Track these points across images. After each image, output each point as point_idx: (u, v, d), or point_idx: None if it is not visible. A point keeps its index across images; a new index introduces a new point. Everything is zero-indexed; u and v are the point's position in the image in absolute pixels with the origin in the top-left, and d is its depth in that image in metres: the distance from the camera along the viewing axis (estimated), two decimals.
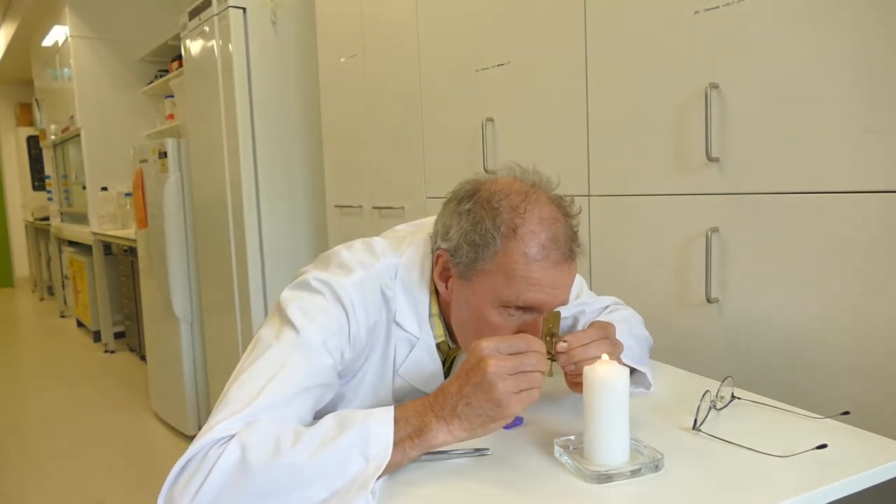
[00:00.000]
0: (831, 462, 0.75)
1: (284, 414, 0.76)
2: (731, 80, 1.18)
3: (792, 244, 1.12)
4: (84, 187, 4.91)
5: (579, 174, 1.50)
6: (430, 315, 0.96)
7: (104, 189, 4.83)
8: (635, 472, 0.74)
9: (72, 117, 4.94)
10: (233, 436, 0.71)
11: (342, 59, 2.38)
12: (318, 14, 2.51)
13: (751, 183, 1.17)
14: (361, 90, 2.30)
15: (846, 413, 0.88)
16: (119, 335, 4.92)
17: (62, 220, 6.02)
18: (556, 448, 0.80)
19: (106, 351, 4.86)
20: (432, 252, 0.95)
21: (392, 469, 0.74)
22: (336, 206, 2.52)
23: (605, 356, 0.79)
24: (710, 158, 1.21)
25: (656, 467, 0.75)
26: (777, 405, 0.94)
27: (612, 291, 1.22)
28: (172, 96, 4.13)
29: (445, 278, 0.92)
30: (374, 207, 2.28)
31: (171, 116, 4.16)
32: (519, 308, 0.87)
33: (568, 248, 0.86)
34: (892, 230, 0.99)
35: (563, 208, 0.89)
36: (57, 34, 5.13)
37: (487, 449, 0.82)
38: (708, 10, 1.20)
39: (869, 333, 1.03)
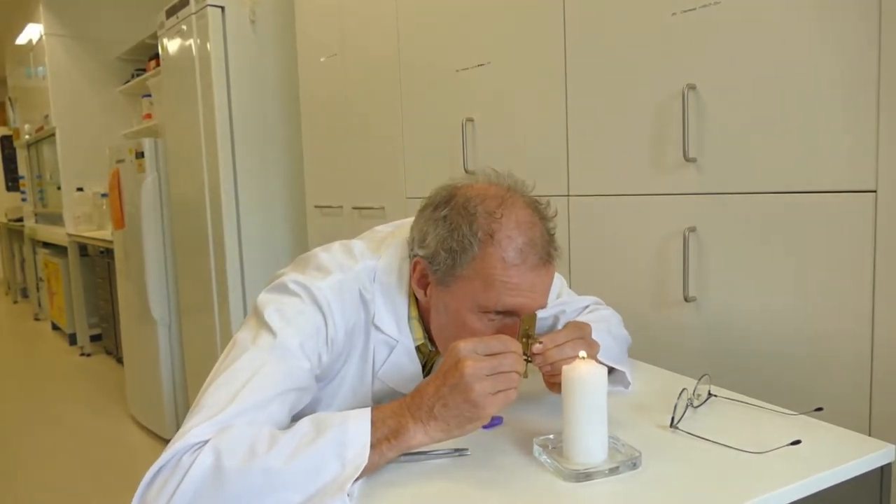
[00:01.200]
0: (805, 458, 0.76)
1: (260, 418, 0.75)
2: (707, 81, 1.20)
3: (768, 243, 1.14)
4: (59, 188, 4.84)
5: (559, 174, 1.51)
6: (409, 318, 0.95)
7: (80, 189, 4.76)
8: (613, 471, 0.74)
9: (46, 117, 4.86)
10: (206, 441, 0.70)
11: (322, 59, 2.37)
12: (298, 13, 2.50)
13: (727, 183, 1.18)
14: (341, 90, 2.29)
15: (819, 409, 0.90)
16: (95, 338, 4.84)
17: (36, 221, 5.92)
18: (535, 447, 0.80)
19: (82, 354, 4.78)
20: (409, 258, 0.94)
21: (370, 471, 0.73)
22: (316, 207, 2.51)
23: (582, 353, 0.80)
24: (687, 159, 1.23)
25: (634, 465, 0.75)
26: (752, 402, 0.95)
27: (591, 291, 1.23)
28: (150, 95, 4.08)
29: (423, 285, 0.92)
30: (354, 208, 2.27)
31: (149, 116, 4.11)
32: (498, 312, 0.87)
33: (545, 252, 0.86)
34: (866, 229, 1.01)
35: (539, 212, 0.90)
36: (31, 32, 5.05)
37: (467, 449, 0.82)
38: (685, 11, 1.22)
39: (842, 331, 1.05)
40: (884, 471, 0.79)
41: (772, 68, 1.10)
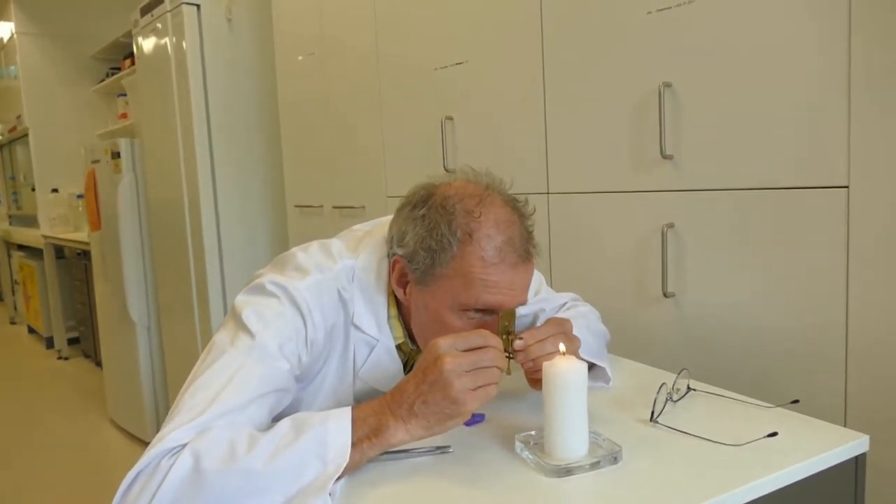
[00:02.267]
0: (782, 449, 0.78)
1: (239, 420, 0.74)
2: (683, 79, 1.21)
3: (745, 239, 1.15)
4: (33, 189, 4.76)
5: (538, 172, 1.51)
6: (389, 317, 0.95)
7: (55, 191, 4.69)
8: (594, 465, 0.75)
9: (19, 117, 4.78)
10: (185, 444, 0.70)
11: (300, 57, 2.36)
12: (275, 11, 2.48)
13: (704, 179, 1.20)
14: (320, 88, 2.28)
15: (795, 402, 0.91)
16: (73, 341, 4.78)
17: (11, 223, 5.82)
18: (517, 443, 0.81)
19: (59, 357, 4.71)
20: (388, 257, 0.94)
21: (351, 470, 0.73)
22: (296, 206, 2.50)
23: (562, 347, 0.80)
24: (664, 156, 1.24)
25: (615, 459, 0.76)
26: (731, 395, 0.97)
27: (570, 288, 1.24)
28: (125, 95, 4.03)
29: (403, 284, 0.92)
30: (335, 207, 2.26)
31: (124, 115, 4.05)
32: (478, 310, 0.87)
33: (524, 250, 0.87)
34: (839, 224, 1.03)
35: (517, 209, 0.90)
36: (1, 30, 4.96)
37: (449, 446, 0.82)
38: (661, 10, 1.23)
39: (817, 325, 1.07)
40: (858, 460, 0.80)
41: (745, 66, 1.12)
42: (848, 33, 0.98)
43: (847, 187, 1.01)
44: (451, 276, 0.85)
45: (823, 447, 0.78)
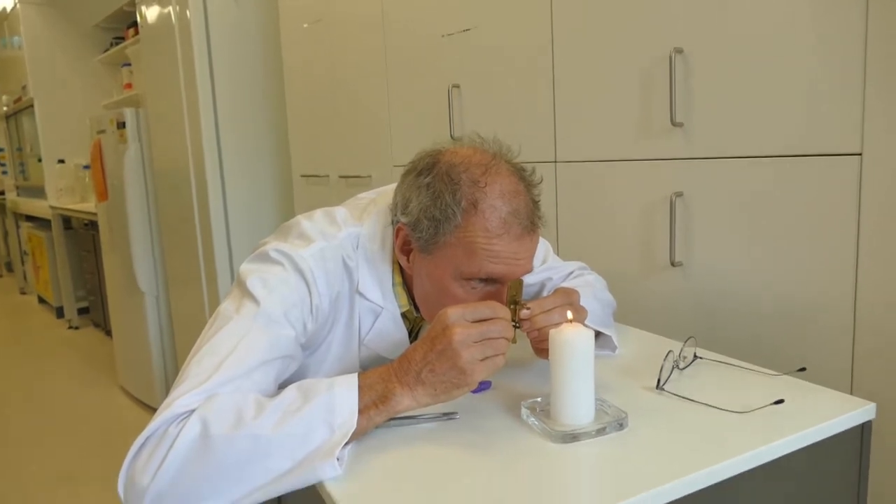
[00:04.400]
0: (788, 416, 0.78)
1: (245, 386, 0.75)
2: (694, 44, 1.19)
3: (754, 207, 1.14)
4: (40, 160, 4.76)
5: (546, 141, 1.50)
6: (394, 285, 0.95)
7: (61, 161, 4.69)
8: (600, 431, 0.75)
9: (24, 87, 4.77)
10: (193, 411, 0.70)
11: (305, 25, 2.33)
12: None
13: (714, 147, 1.18)
14: (326, 56, 2.25)
15: (802, 370, 0.91)
16: (83, 311, 4.82)
17: (18, 195, 5.84)
18: (523, 410, 0.81)
19: (70, 327, 4.77)
20: (392, 224, 0.93)
21: (358, 436, 0.74)
22: (302, 176, 2.49)
23: (569, 314, 0.80)
24: (674, 123, 1.22)
25: (621, 426, 0.76)
26: (737, 364, 0.96)
27: (578, 257, 1.23)
28: (129, 65, 3.99)
29: (407, 252, 0.92)
30: (341, 176, 2.26)
31: (129, 86, 4.02)
32: (481, 280, 0.87)
33: (529, 221, 0.86)
34: (851, 192, 1.01)
35: (524, 179, 0.89)
36: (4, 0, 4.91)
37: (455, 413, 0.83)
38: None
39: (825, 293, 1.06)
40: (864, 428, 0.80)
41: (758, 31, 1.09)
42: None
43: (860, 154, 0.99)
44: (454, 245, 0.85)
45: (829, 415, 0.77)
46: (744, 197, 1.15)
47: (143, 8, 2.89)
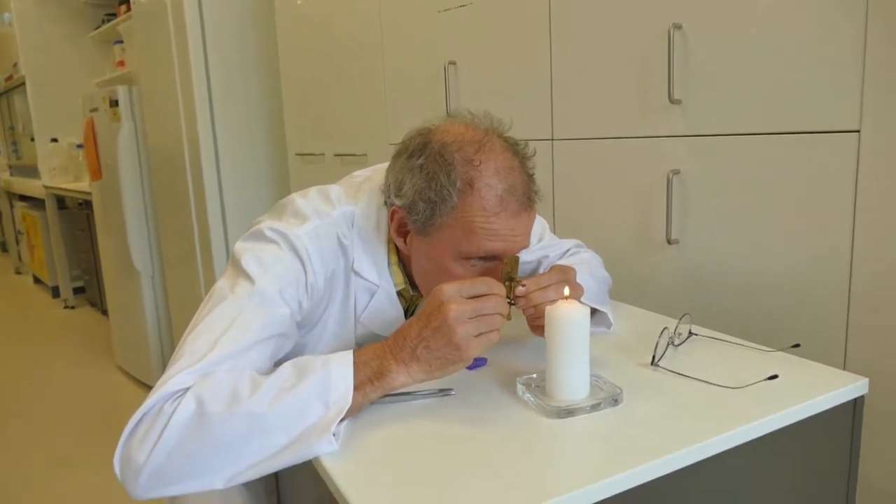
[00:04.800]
0: (781, 391, 0.78)
1: (240, 365, 0.75)
2: (693, 20, 1.17)
3: (751, 185, 1.14)
4: (32, 139, 4.72)
5: (542, 118, 1.49)
6: (389, 264, 0.95)
7: (54, 140, 4.65)
8: (595, 407, 0.76)
9: (15, 65, 4.71)
10: (188, 388, 0.70)
11: (299, 1, 2.30)
12: None
13: (712, 125, 1.18)
14: (320, 33, 2.23)
15: (797, 346, 0.92)
16: (79, 290, 4.81)
17: (11, 174, 5.80)
18: (519, 386, 0.81)
19: (66, 307, 4.76)
20: (386, 206, 0.93)
21: (353, 412, 0.74)
22: (297, 155, 2.47)
23: (565, 291, 0.80)
24: (672, 100, 1.21)
25: (615, 401, 0.77)
26: (732, 340, 0.97)
27: (574, 234, 1.23)
28: (121, 42, 3.95)
29: (403, 234, 0.91)
30: (337, 155, 2.24)
31: (122, 63, 3.98)
32: (480, 258, 0.87)
33: (526, 197, 0.86)
34: (848, 170, 1.01)
35: (518, 153, 0.88)
36: None
37: (451, 389, 0.83)
38: None
39: (820, 271, 1.06)
40: (857, 403, 0.81)
41: (758, 7, 1.08)
42: None
43: (858, 132, 0.99)
44: (451, 225, 0.85)
45: (822, 389, 0.78)
46: (741, 174, 1.15)
47: None
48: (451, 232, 0.85)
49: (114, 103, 2.98)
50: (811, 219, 1.07)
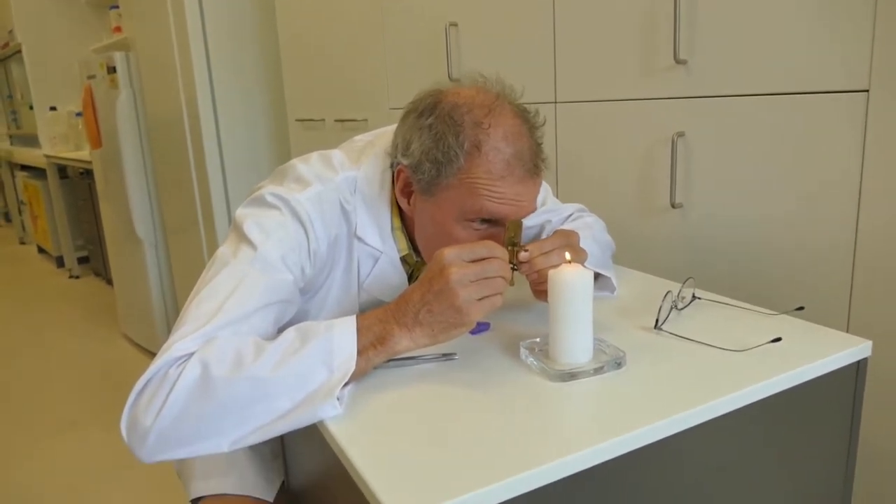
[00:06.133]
0: (785, 354, 0.78)
1: (243, 330, 0.75)
2: None
3: (756, 147, 1.12)
4: (31, 107, 4.68)
5: (546, 81, 1.47)
6: (393, 229, 0.94)
7: (53, 109, 4.61)
8: (598, 370, 0.76)
9: (11, 32, 4.65)
10: (192, 354, 0.71)
11: None
12: None
13: (718, 85, 1.15)
14: None
15: (800, 308, 0.91)
16: (83, 260, 4.83)
17: (12, 144, 5.78)
18: (522, 350, 0.81)
19: (71, 276, 4.78)
20: (392, 167, 0.92)
21: (357, 377, 0.74)
22: (297, 120, 2.45)
23: (567, 256, 0.80)
24: (677, 61, 1.19)
25: (618, 365, 0.77)
26: (735, 303, 0.97)
27: (578, 198, 1.22)
28: (117, 7, 3.88)
29: (407, 194, 0.90)
30: (337, 120, 2.22)
31: (118, 29, 3.91)
32: (483, 221, 0.86)
33: (532, 164, 0.85)
34: (856, 130, 0.99)
35: (527, 121, 0.87)
36: None
37: (454, 354, 0.83)
38: None
39: (826, 233, 1.06)
40: (860, 365, 0.81)
41: None
42: None
43: (867, 91, 0.97)
44: (456, 187, 0.84)
45: (825, 352, 0.78)
46: (746, 136, 1.13)
47: None
48: (456, 193, 0.84)
49: (111, 70, 2.95)
50: (817, 182, 1.05)
